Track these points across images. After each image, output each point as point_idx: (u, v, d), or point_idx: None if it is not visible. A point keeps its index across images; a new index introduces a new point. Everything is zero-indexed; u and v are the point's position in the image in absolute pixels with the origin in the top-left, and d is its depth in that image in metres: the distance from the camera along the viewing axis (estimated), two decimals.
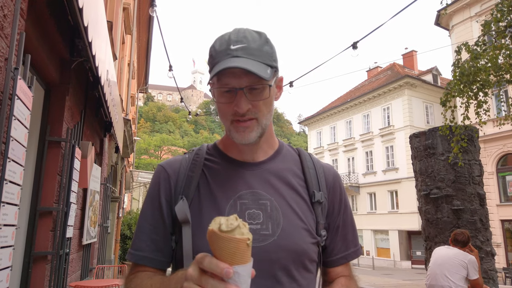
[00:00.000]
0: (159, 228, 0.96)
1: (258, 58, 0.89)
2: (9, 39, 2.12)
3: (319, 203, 0.99)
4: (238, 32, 0.92)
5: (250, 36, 0.91)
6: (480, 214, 6.53)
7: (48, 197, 3.48)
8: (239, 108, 0.90)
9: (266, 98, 0.92)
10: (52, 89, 3.68)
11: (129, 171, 16.94)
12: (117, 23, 7.36)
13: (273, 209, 0.93)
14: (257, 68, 0.86)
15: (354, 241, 1.07)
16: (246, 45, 0.89)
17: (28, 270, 3.21)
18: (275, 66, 0.94)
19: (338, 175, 1.10)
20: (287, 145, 1.11)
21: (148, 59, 16.27)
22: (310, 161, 1.06)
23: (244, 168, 0.99)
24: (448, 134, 6.53)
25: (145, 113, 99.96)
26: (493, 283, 6.28)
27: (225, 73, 0.88)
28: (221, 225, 0.65)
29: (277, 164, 1.02)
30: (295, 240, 0.92)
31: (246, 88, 0.89)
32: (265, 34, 0.95)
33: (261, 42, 0.91)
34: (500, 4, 5.84)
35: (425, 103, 27.20)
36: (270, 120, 0.97)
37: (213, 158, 1.02)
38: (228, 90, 0.90)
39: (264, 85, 0.90)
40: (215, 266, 0.64)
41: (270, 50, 0.93)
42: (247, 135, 0.92)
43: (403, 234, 25.98)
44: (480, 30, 7.07)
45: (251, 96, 0.90)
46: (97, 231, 6.09)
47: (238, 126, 0.92)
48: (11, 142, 2.05)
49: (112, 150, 8.01)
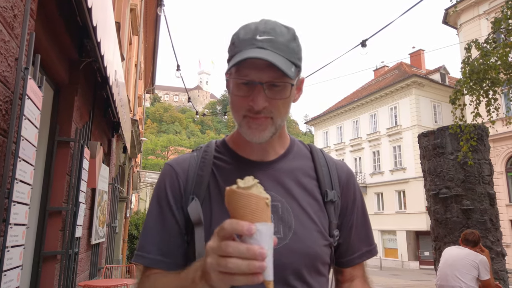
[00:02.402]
0: (168, 229, 0.91)
1: (284, 53, 0.83)
2: (19, 39, 2.13)
3: (331, 203, 0.95)
4: (266, 23, 0.87)
5: (279, 29, 0.86)
6: (490, 214, 6.44)
7: (58, 197, 3.49)
8: (255, 104, 0.84)
9: (286, 98, 0.86)
10: (61, 89, 3.71)
11: (136, 171, 17.02)
12: (124, 24, 7.39)
13: (285, 211, 0.89)
14: (282, 63, 0.81)
15: (368, 240, 1.04)
16: (274, 37, 0.84)
17: (38, 269, 3.23)
18: (299, 66, 0.88)
19: (351, 172, 1.05)
20: (298, 141, 1.05)
21: (155, 60, 16.34)
22: (323, 158, 1.01)
23: (255, 168, 0.94)
24: (458, 132, 6.46)
25: (152, 114, 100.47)
26: (504, 284, 6.20)
27: (246, 64, 0.82)
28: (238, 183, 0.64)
29: (289, 163, 0.97)
30: (308, 243, 0.88)
31: (266, 84, 0.83)
32: (294, 30, 0.89)
33: (289, 37, 0.86)
34: (510, 1, 5.76)
35: (433, 102, 26.98)
36: (285, 120, 0.93)
37: (223, 157, 0.98)
38: (247, 82, 0.84)
39: (286, 83, 0.84)
40: (236, 224, 0.61)
41: (296, 47, 0.87)
42: (259, 133, 0.87)
43: (411, 234, 25.79)
44: (489, 28, 6.98)
45: (270, 93, 0.84)
46: (105, 231, 6.11)
47: (251, 122, 0.86)
48: (21, 142, 2.06)
49: (120, 150, 8.05)
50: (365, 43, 7.09)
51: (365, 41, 7.09)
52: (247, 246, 0.60)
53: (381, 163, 28.38)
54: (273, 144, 0.96)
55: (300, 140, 1.07)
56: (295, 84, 0.88)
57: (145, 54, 15.28)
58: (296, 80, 0.89)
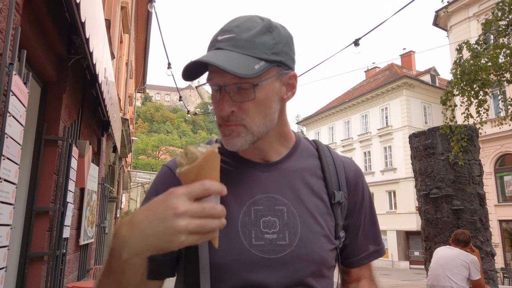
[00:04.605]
0: None
1: (246, 50, 0.76)
2: (4, 33, 2.06)
3: (338, 204, 0.91)
4: (234, 20, 0.82)
5: (246, 24, 0.79)
6: (480, 214, 6.50)
7: (45, 196, 3.42)
8: (222, 110, 0.79)
9: (252, 99, 0.79)
10: (48, 87, 3.63)
11: (127, 171, 16.87)
12: (115, 21, 7.30)
13: (290, 215, 0.85)
14: (236, 63, 0.74)
15: (376, 240, 1.00)
16: (235, 35, 0.78)
17: (24, 271, 3.14)
18: (275, 60, 0.79)
19: (359, 170, 1.01)
20: (303, 138, 1.00)
21: (146, 59, 16.23)
22: (330, 157, 0.96)
23: (258, 169, 0.89)
24: (449, 133, 6.50)
25: (143, 113, 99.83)
26: (493, 283, 6.26)
27: (211, 69, 0.79)
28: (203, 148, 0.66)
29: (294, 163, 0.92)
30: (314, 249, 0.84)
31: (231, 87, 0.78)
32: (269, 21, 0.82)
33: (257, 31, 0.78)
34: (501, 3, 5.81)
35: (423, 103, 27.25)
36: (271, 124, 0.84)
37: (224, 158, 0.91)
38: (216, 89, 0.80)
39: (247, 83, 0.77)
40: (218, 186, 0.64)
41: (269, 40, 0.79)
42: (232, 140, 0.81)
43: (401, 234, 26.00)
44: (479, 30, 7.05)
45: (237, 97, 0.79)
46: (94, 231, 6.03)
47: (224, 129, 0.81)
48: (5, 140, 2.00)
49: (110, 149, 7.95)
50: (358, 42, 7.13)
51: (358, 40, 7.12)
52: (221, 207, 0.64)
53: (372, 163, 28.57)
54: (273, 146, 0.91)
55: (305, 137, 1.02)
56: (263, 81, 0.79)
57: (136, 53, 15.15)
58: (275, 76, 0.82)
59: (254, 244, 0.81)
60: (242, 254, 0.80)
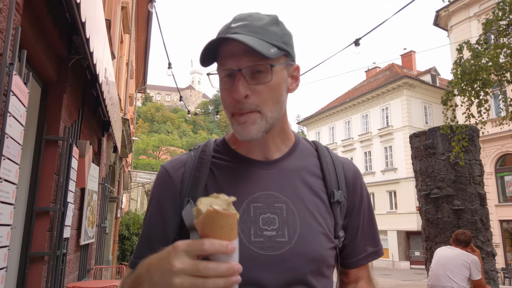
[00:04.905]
0: (159, 235, 0.88)
1: (262, 36, 0.79)
2: (4, 33, 2.06)
3: (338, 203, 0.91)
4: (243, 13, 0.84)
5: (257, 15, 0.83)
6: (480, 214, 6.49)
7: (45, 196, 3.42)
8: (236, 92, 0.79)
9: (268, 81, 0.80)
10: (49, 87, 3.63)
11: (127, 171, 16.87)
12: (115, 21, 7.30)
13: (289, 213, 0.85)
14: (256, 44, 0.76)
15: (374, 241, 1.00)
16: (249, 22, 0.80)
17: (24, 271, 3.15)
18: (284, 49, 0.83)
19: (358, 171, 1.01)
20: (303, 138, 1.01)
21: (146, 59, 16.22)
22: (329, 157, 0.96)
23: (258, 167, 0.89)
24: (449, 133, 6.50)
25: (143, 113, 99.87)
26: (494, 283, 6.25)
27: (223, 54, 0.80)
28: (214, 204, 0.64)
29: (293, 161, 0.92)
30: (313, 247, 0.84)
31: (245, 70, 0.79)
32: (277, 17, 0.85)
33: (267, 22, 0.82)
34: (501, 3, 5.80)
35: (424, 103, 27.23)
36: (280, 113, 0.86)
37: (222, 156, 0.92)
38: (228, 74, 0.80)
39: (265, 64, 0.79)
40: (219, 245, 0.59)
41: (279, 31, 0.83)
42: (248, 127, 0.81)
43: (402, 234, 25.98)
44: (479, 30, 7.05)
45: (252, 80, 0.80)
46: (95, 231, 6.02)
47: (239, 118, 0.82)
48: (6, 140, 2.00)
49: (110, 149, 7.95)
50: (359, 41, 7.13)
51: (358, 40, 7.13)
52: (227, 266, 0.59)
53: (373, 163, 28.55)
54: (275, 142, 0.91)
55: (305, 138, 1.03)
56: (278, 65, 0.82)
57: (136, 53, 15.16)
58: (284, 64, 0.84)
59: (253, 241, 0.81)
60: (241, 251, 0.80)
